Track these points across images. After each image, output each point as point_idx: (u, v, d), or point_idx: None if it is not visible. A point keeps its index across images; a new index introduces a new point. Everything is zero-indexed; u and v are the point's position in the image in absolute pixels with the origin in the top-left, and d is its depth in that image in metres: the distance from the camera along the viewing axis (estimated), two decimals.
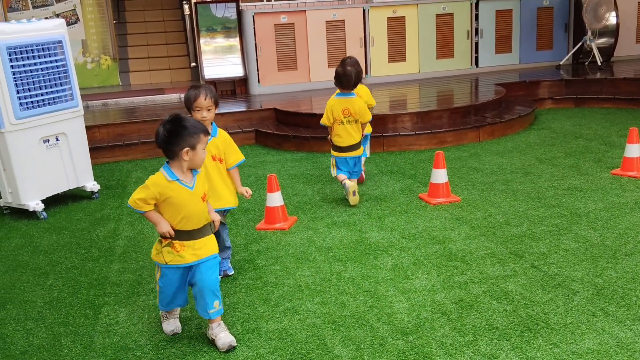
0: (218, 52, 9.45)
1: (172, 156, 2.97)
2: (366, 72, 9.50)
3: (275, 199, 4.69)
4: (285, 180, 5.89)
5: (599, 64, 9.68)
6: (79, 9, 10.34)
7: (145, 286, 3.84)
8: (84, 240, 4.72)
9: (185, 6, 9.89)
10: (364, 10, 9.54)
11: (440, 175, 4.98)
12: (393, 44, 9.79)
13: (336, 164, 5.07)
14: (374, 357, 2.90)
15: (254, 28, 9.14)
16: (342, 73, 4.87)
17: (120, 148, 7.22)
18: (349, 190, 4.96)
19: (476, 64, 10.30)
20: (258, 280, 3.80)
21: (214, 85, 9.58)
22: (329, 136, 5.11)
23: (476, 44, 10.22)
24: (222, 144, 3.71)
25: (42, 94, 5.22)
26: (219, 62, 9.46)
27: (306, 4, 9.83)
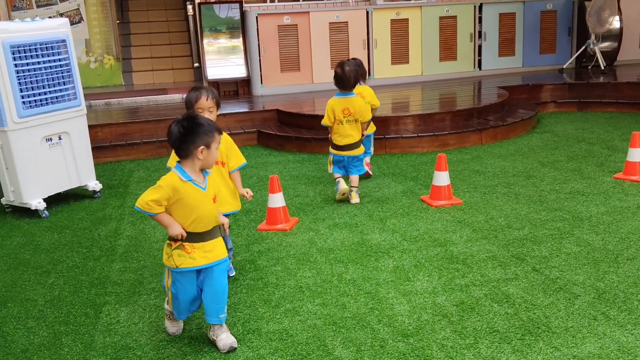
0: (221, 53, 9.46)
1: (186, 155, 2.90)
2: (369, 74, 9.50)
3: (277, 200, 4.70)
4: (287, 181, 5.89)
5: (602, 68, 9.68)
6: (83, 8, 10.36)
7: (146, 286, 3.85)
8: (86, 239, 4.72)
9: (189, 6, 9.89)
10: (367, 12, 9.54)
11: (442, 178, 4.98)
12: (396, 46, 9.79)
13: (333, 161, 5.18)
14: (374, 359, 2.90)
15: (257, 29, 9.15)
16: (341, 73, 4.98)
17: (123, 148, 7.23)
18: (340, 191, 5.14)
19: (479, 66, 10.30)
20: (259, 281, 3.81)
21: (217, 85, 9.59)
22: (330, 134, 5.20)
23: (479, 46, 10.21)
24: (225, 147, 3.68)
25: (45, 93, 5.23)
26: (222, 63, 9.47)
27: (309, 5, 9.85)
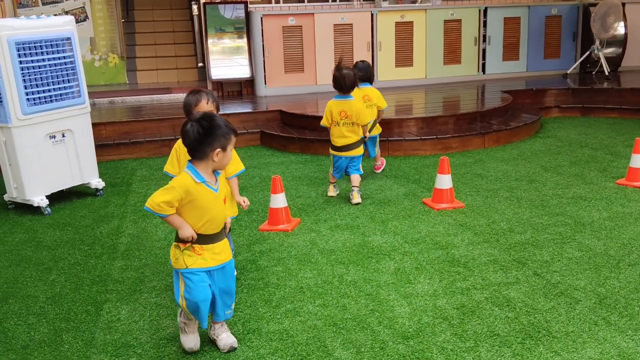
0: (225, 53, 9.47)
1: (201, 157, 2.82)
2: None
3: (279, 201, 4.70)
4: (290, 182, 5.89)
5: (607, 73, 9.66)
6: (88, 6, 10.38)
7: (147, 284, 3.85)
8: (88, 237, 4.73)
9: (194, 6, 9.91)
10: (372, 15, 9.55)
11: (444, 181, 4.98)
12: (400, 49, 9.79)
13: (333, 162, 5.32)
14: None
15: (262, 30, 9.16)
16: (339, 76, 5.07)
17: (126, 146, 7.24)
18: (328, 193, 5.40)
19: (483, 70, 10.30)
20: (260, 281, 3.81)
21: (221, 85, 9.61)
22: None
23: (483, 50, 10.21)
24: None
25: (50, 90, 5.24)
26: (226, 63, 9.48)
27: (314, 6, 9.86)
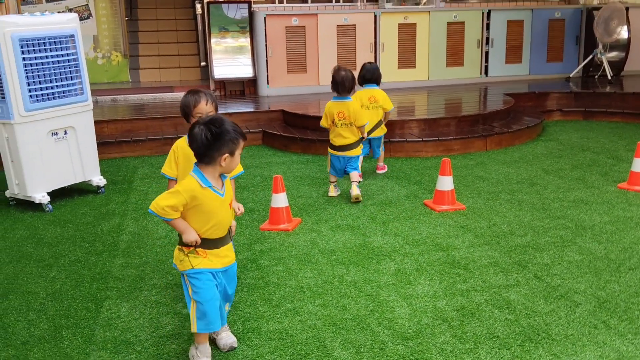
0: (228, 52, 9.47)
1: (208, 161, 2.76)
2: None
3: (280, 200, 4.71)
4: (291, 181, 5.90)
5: (609, 77, 9.67)
6: (92, 4, 10.39)
7: (147, 282, 3.85)
8: (88, 234, 4.73)
9: (198, 5, 9.91)
10: (375, 16, 9.55)
11: (446, 183, 4.98)
12: (403, 51, 9.80)
13: (330, 160, 5.38)
14: None
15: (265, 29, 9.17)
16: (337, 78, 5.16)
17: (128, 144, 7.25)
18: (329, 193, 5.43)
19: (486, 73, 10.30)
20: (260, 280, 3.81)
21: (223, 85, 9.62)
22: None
23: (486, 53, 10.22)
24: None
25: (52, 87, 5.25)
26: (229, 62, 9.48)
27: (318, 7, 9.87)
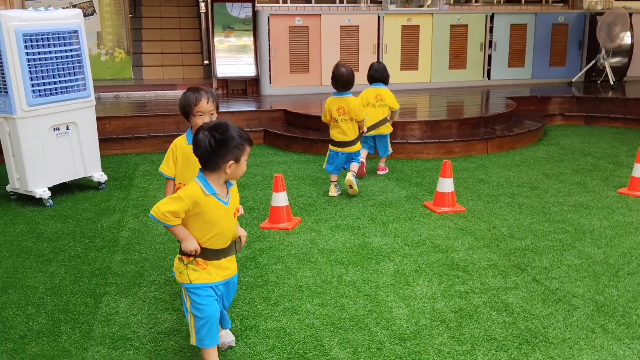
0: (231, 51, 9.48)
1: (213, 168, 2.66)
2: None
3: (280, 199, 4.71)
4: (292, 181, 5.90)
5: (612, 83, 9.67)
6: (96, 1, 10.40)
7: (146, 278, 3.86)
8: (88, 230, 4.74)
9: (202, 4, 9.92)
10: (378, 17, 9.55)
11: (446, 184, 4.99)
12: (406, 52, 9.80)
13: (328, 157, 5.41)
14: None
15: (269, 29, 9.17)
16: (337, 74, 5.24)
17: (130, 141, 7.26)
18: (329, 193, 5.45)
19: (488, 76, 10.30)
20: (259, 279, 3.82)
21: (226, 83, 9.62)
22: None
23: (489, 56, 10.21)
24: None
25: (55, 83, 5.25)
26: (232, 61, 9.49)
27: (321, 7, 9.87)
